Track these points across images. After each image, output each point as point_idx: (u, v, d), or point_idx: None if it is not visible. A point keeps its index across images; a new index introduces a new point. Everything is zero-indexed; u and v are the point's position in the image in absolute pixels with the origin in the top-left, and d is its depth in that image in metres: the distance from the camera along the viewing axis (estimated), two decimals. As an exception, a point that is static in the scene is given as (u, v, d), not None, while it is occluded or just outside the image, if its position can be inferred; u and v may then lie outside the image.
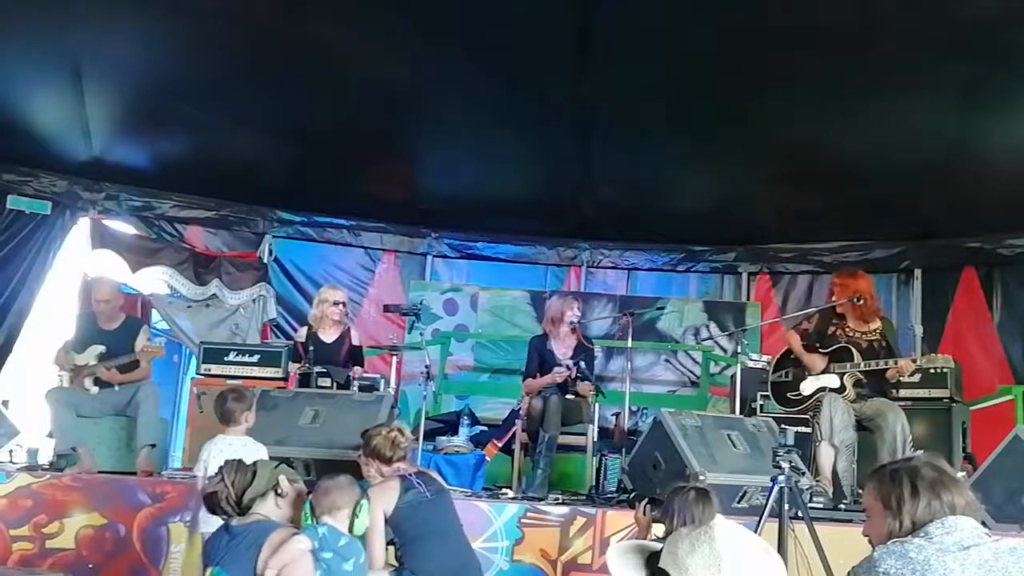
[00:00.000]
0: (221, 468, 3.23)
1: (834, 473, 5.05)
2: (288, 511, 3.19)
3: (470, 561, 3.89)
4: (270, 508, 3.14)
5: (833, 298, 5.41)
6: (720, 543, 1.82)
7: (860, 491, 5.14)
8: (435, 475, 4.10)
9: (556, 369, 5.63)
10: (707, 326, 8.02)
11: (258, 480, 3.12)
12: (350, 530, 3.19)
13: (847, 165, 6.62)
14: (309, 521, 3.15)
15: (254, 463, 3.24)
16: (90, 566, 4.71)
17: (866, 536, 2.16)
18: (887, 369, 5.10)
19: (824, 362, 5.26)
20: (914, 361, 5.08)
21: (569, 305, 5.90)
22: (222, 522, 3.20)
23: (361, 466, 4.26)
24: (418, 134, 7.01)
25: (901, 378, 5.25)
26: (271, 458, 4.28)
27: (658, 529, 3.46)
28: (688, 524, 3.03)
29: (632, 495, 4.89)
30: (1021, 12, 5.06)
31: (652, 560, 2.02)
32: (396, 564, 3.71)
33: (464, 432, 6.23)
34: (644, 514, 3.54)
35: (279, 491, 3.14)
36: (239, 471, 3.16)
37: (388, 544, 3.73)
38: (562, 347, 5.85)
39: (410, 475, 3.86)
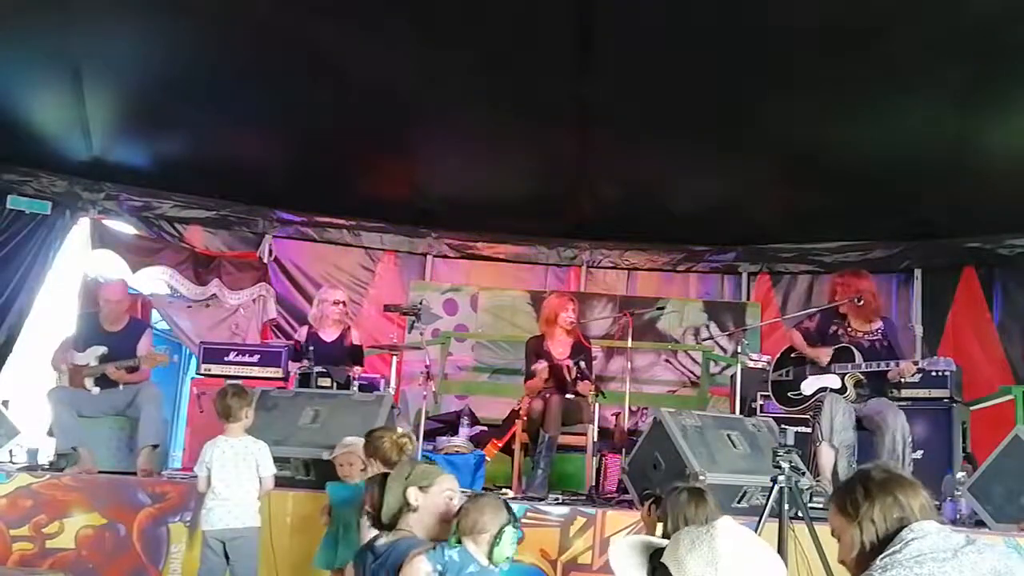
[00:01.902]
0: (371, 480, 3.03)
1: (834, 473, 5.04)
2: (433, 521, 2.85)
3: None
4: (412, 521, 2.85)
5: (836, 298, 5.39)
6: (720, 543, 1.82)
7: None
8: None
9: (536, 366, 5.62)
10: (707, 326, 8.01)
11: (388, 496, 2.84)
12: (489, 557, 2.75)
13: (847, 165, 6.62)
14: (453, 540, 2.76)
15: (385, 475, 2.96)
16: (90, 566, 4.71)
17: (842, 563, 2.13)
18: (888, 370, 5.10)
19: (829, 354, 5.24)
20: (916, 363, 5.08)
21: (564, 305, 5.88)
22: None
23: (337, 467, 4.22)
24: (418, 134, 7.01)
25: (902, 379, 5.24)
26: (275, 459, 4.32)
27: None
28: (683, 524, 3.03)
29: (644, 492, 4.90)
30: (1021, 12, 5.06)
31: (656, 556, 2.02)
32: None
33: (464, 432, 6.23)
34: (649, 513, 3.53)
35: (410, 506, 2.83)
36: (374, 488, 2.90)
37: None
38: (559, 347, 5.84)
39: None
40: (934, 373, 5.56)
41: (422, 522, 2.83)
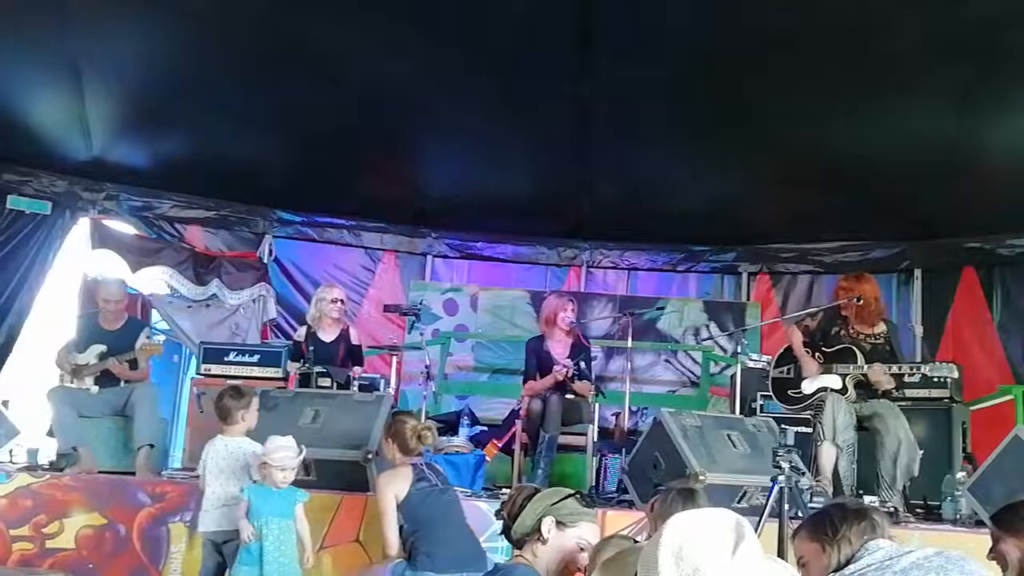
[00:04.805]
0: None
1: (835, 473, 5.05)
2: (555, 563, 2.55)
3: (478, 550, 3.93)
4: (537, 551, 2.56)
5: (838, 299, 5.37)
6: (662, 549, 1.78)
7: (861, 491, 5.14)
8: (440, 468, 4.16)
9: (556, 368, 5.62)
10: (707, 326, 8.02)
11: (524, 513, 2.60)
12: None
13: (847, 165, 6.62)
14: None
15: (536, 489, 2.74)
16: (90, 566, 4.71)
17: None
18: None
19: (818, 367, 5.24)
20: (914, 367, 5.07)
21: (563, 305, 5.88)
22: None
23: (279, 471, 4.01)
24: (418, 134, 7.01)
25: (880, 389, 5.18)
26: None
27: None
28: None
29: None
30: (1021, 12, 5.06)
31: None
32: (406, 554, 3.74)
33: (464, 432, 6.23)
34: (652, 510, 3.53)
35: (540, 536, 2.55)
36: (517, 499, 2.67)
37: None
38: (559, 347, 5.84)
39: (421, 465, 3.92)
40: (936, 379, 5.50)
41: (544, 558, 2.58)
